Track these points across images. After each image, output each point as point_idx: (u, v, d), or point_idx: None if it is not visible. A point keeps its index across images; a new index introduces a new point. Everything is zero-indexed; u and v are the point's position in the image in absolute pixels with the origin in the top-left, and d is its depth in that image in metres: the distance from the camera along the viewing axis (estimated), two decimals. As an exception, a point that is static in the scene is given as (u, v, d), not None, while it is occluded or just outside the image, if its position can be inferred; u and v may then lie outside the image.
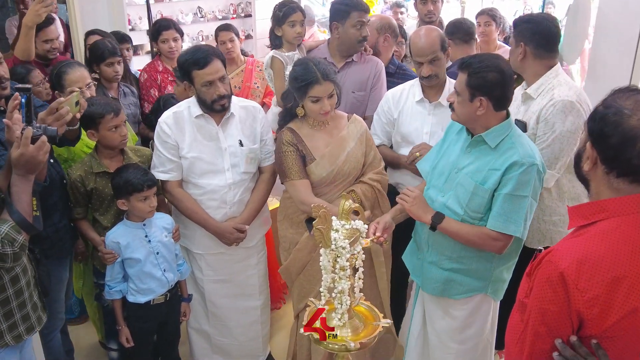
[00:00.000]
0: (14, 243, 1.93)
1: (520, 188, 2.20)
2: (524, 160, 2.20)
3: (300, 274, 2.86)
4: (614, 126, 1.40)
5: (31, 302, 2.20)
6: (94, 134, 2.70)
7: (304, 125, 2.76)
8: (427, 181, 2.52)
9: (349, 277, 1.93)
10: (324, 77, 2.59)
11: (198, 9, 6.54)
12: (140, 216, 2.71)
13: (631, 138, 1.38)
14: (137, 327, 2.84)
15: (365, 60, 3.38)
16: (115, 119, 2.68)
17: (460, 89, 2.25)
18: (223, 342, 3.16)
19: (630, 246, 1.41)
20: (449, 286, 2.43)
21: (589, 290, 1.39)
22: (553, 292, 1.43)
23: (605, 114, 1.43)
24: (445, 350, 2.55)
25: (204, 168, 2.79)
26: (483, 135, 2.28)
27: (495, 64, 2.21)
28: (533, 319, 1.48)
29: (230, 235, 2.84)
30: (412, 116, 2.98)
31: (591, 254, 1.41)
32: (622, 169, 1.43)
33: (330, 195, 2.75)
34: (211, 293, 3.03)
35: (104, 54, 3.43)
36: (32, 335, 2.23)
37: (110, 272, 2.74)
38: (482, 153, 2.30)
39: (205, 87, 2.67)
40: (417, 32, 2.92)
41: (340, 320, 1.94)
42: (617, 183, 1.45)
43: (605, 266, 1.40)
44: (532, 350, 1.49)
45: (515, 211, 2.22)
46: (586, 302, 1.40)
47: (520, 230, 2.23)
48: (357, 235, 1.93)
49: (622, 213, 1.44)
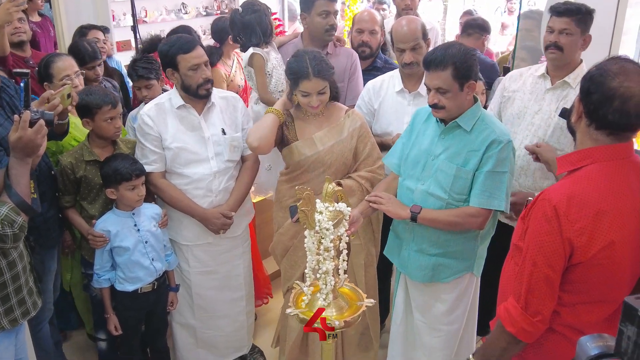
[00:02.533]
0: (13, 224, 1.96)
1: (500, 164, 2.29)
2: (501, 138, 2.29)
3: (284, 259, 2.91)
4: (598, 85, 1.61)
5: (27, 287, 2.23)
6: (89, 122, 2.73)
7: (299, 111, 2.82)
8: (399, 173, 2.57)
9: (333, 259, 1.99)
10: (314, 73, 2.60)
11: (182, 5, 6.56)
12: (129, 205, 2.75)
13: (610, 97, 1.59)
14: (125, 316, 2.87)
15: (339, 52, 3.44)
16: (112, 111, 2.71)
17: (448, 84, 2.25)
18: (209, 335, 3.18)
19: (611, 186, 1.62)
20: (438, 271, 2.49)
21: (578, 221, 1.60)
22: (548, 224, 1.62)
23: (594, 74, 1.64)
24: (435, 334, 2.61)
25: (188, 158, 2.83)
26: (457, 120, 2.34)
27: (463, 49, 2.29)
28: (531, 252, 1.67)
29: (217, 220, 2.87)
30: (393, 106, 3.04)
31: (579, 191, 1.62)
32: (599, 123, 1.64)
33: (310, 184, 2.75)
34: (198, 285, 3.05)
35: (84, 58, 3.38)
36: (28, 318, 2.27)
37: (99, 261, 2.76)
38: (457, 137, 2.37)
39: (192, 71, 2.71)
40: (400, 21, 3.00)
41: (325, 301, 1.99)
42: (596, 135, 1.66)
43: (591, 201, 1.60)
44: (530, 280, 1.68)
45: (497, 187, 2.30)
46: (576, 231, 1.60)
47: (503, 204, 2.32)
48: (341, 217, 1.99)
49: (604, 159, 1.65)
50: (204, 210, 2.86)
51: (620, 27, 3.19)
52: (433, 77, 2.27)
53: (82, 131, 2.95)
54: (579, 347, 1.07)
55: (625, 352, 0.93)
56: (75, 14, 4.76)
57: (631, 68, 1.60)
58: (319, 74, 2.61)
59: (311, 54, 2.67)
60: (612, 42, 3.19)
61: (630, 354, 0.91)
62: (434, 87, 2.28)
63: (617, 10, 3.19)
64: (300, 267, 2.78)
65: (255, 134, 2.75)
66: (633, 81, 1.57)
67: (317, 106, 2.69)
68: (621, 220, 1.61)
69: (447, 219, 2.37)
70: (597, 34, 2.72)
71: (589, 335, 1.08)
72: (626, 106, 1.57)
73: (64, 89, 2.43)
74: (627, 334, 0.92)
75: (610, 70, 1.60)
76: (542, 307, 1.68)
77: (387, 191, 2.57)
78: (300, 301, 2.03)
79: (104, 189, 2.74)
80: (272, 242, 2.96)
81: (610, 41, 3.19)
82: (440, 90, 2.27)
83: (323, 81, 2.64)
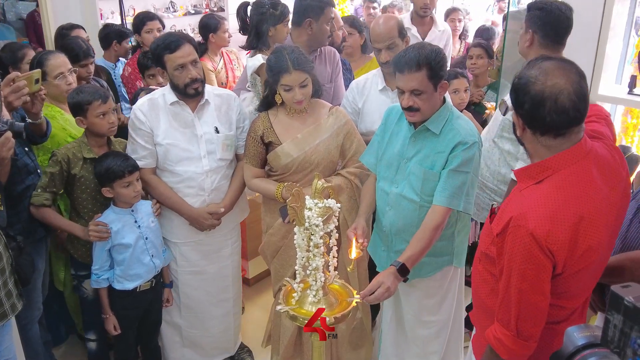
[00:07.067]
0: None
1: (464, 164, 2.30)
2: (467, 139, 2.31)
3: (275, 259, 2.91)
4: (524, 93, 1.60)
5: (5, 289, 2.18)
6: (83, 120, 2.70)
7: (280, 112, 2.80)
8: (375, 173, 2.58)
9: (323, 255, 1.99)
10: (294, 66, 2.61)
11: (170, 3, 6.54)
12: (127, 202, 2.73)
13: (539, 101, 1.57)
14: (123, 315, 2.86)
15: (322, 51, 3.45)
16: (103, 106, 2.68)
17: (423, 86, 2.24)
18: (195, 335, 3.16)
19: (582, 190, 1.60)
20: (419, 268, 2.47)
21: (559, 237, 1.56)
22: (528, 252, 1.58)
23: (517, 85, 1.64)
24: (427, 326, 2.64)
25: (179, 155, 2.81)
26: (426, 124, 2.34)
27: (435, 48, 2.28)
28: (515, 280, 1.62)
29: (204, 220, 2.86)
30: (376, 105, 3.04)
31: (552, 206, 1.58)
32: (542, 129, 1.61)
33: (300, 184, 2.76)
34: (185, 284, 3.04)
35: (78, 55, 3.38)
36: (6, 322, 2.21)
37: (99, 260, 2.74)
38: (427, 140, 2.37)
39: (178, 71, 2.69)
40: (377, 20, 2.99)
41: (315, 297, 2.00)
42: (544, 141, 1.63)
43: (569, 213, 1.57)
44: (519, 308, 1.63)
45: (459, 186, 2.31)
46: (557, 247, 1.56)
47: (462, 204, 2.32)
48: (330, 213, 2.00)
49: (562, 167, 1.63)
50: (191, 209, 2.85)
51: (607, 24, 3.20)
52: (408, 79, 2.24)
53: (78, 129, 2.93)
54: (567, 338, 1.08)
55: (612, 341, 0.93)
56: (63, 12, 4.73)
57: (549, 65, 1.59)
58: (298, 66, 2.62)
59: (289, 49, 2.68)
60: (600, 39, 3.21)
61: (617, 342, 0.92)
62: (410, 89, 2.25)
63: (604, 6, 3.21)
64: (291, 266, 2.77)
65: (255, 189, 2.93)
66: (556, 77, 1.56)
67: (301, 101, 2.68)
68: (596, 223, 1.60)
69: (427, 243, 2.31)
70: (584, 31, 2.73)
71: (576, 326, 1.09)
72: (559, 103, 1.54)
73: (33, 73, 2.40)
74: (614, 322, 0.93)
75: (530, 76, 1.59)
76: (534, 330, 1.65)
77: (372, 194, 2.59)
78: (291, 298, 2.04)
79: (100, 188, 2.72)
80: (262, 243, 2.94)
81: (597, 37, 3.21)
82: (416, 92, 2.25)
83: (303, 73, 2.64)
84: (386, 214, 2.50)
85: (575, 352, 1.04)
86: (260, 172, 2.88)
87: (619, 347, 0.91)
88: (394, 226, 2.48)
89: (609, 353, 0.96)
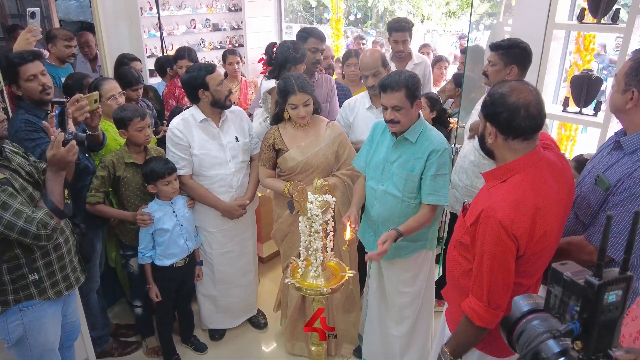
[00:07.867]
0: (47, 226, 1.91)
1: (441, 168, 2.29)
2: (439, 147, 2.29)
3: (283, 242, 2.90)
4: (501, 105, 1.58)
5: (71, 265, 2.20)
6: (124, 132, 2.69)
7: (288, 125, 2.79)
8: (365, 174, 2.56)
9: (322, 239, 1.98)
10: (299, 89, 2.62)
11: (201, 40, 6.51)
12: (167, 196, 2.72)
13: (516, 109, 1.56)
14: (162, 286, 2.86)
15: (320, 78, 3.45)
16: (141, 122, 2.68)
17: (402, 102, 2.23)
18: (227, 302, 3.19)
19: (536, 188, 1.59)
20: (398, 251, 2.49)
21: (522, 222, 1.55)
22: (496, 237, 1.56)
23: (493, 99, 1.61)
24: (402, 296, 2.63)
25: (211, 162, 2.80)
26: (405, 135, 2.33)
27: (411, 74, 2.25)
28: (487, 261, 1.61)
29: (235, 211, 2.90)
30: (364, 120, 3.02)
31: (518, 197, 1.57)
32: (515, 133, 1.59)
33: (304, 182, 2.77)
34: (219, 263, 3.06)
35: (131, 82, 3.39)
36: (72, 291, 2.24)
37: (144, 241, 2.74)
38: (406, 148, 2.36)
39: (220, 86, 2.72)
40: (364, 53, 3.00)
41: (315, 272, 1.99)
42: (514, 144, 1.62)
43: (529, 202, 1.57)
44: (490, 283, 1.62)
45: (441, 186, 2.31)
46: (521, 232, 1.55)
47: (447, 200, 2.34)
48: (328, 205, 1.98)
49: (522, 169, 1.62)
50: (225, 204, 2.88)
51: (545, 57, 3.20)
52: (390, 98, 2.24)
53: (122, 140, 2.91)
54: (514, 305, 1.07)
55: (553, 307, 0.92)
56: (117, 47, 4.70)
57: (516, 84, 1.60)
58: (302, 89, 2.63)
59: (295, 75, 2.69)
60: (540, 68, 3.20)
61: (557, 309, 0.91)
62: (391, 105, 2.25)
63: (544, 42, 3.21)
64: (297, 247, 2.76)
65: (268, 187, 2.86)
66: (523, 92, 1.56)
67: (305, 117, 2.68)
68: (549, 213, 1.59)
69: (416, 229, 2.32)
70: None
71: (522, 295, 1.07)
72: (530, 111, 1.54)
73: (93, 94, 2.39)
74: (555, 293, 0.91)
75: (504, 92, 1.58)
76: (502, 301, 1.64)
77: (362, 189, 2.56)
78: (296, 273, 2.02)
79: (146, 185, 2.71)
80: (273, 229, 2.95)
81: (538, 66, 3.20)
82: (396, 108, 2.24)
83: (306, 95, 2.65)
84: (374, 207, 2.48)
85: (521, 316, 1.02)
86: (272, 173, 2.87)
87: (559, 313, 0.90)
88: (380, 216, 2.46)
89: (549, 317, 0.95)
